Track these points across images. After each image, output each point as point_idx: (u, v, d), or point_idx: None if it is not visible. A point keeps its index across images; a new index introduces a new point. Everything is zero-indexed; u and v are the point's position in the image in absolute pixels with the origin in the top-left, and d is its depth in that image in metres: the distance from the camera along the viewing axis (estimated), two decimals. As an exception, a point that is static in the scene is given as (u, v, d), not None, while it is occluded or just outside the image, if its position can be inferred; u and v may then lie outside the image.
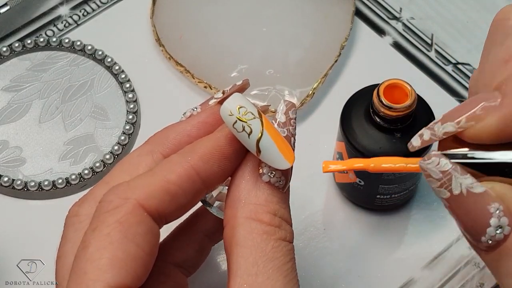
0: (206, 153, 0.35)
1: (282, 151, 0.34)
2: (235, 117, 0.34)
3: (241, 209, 0.34)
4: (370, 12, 0.60)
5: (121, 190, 0.34)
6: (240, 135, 0.34)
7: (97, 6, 0.59)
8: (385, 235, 0.50)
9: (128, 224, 0.33)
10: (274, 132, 0.35)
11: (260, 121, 0.34)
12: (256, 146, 0.34)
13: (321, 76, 0.55)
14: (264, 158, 0.34)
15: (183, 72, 0.56)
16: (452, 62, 0.57)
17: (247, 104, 0.34)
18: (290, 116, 0.36)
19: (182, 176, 0.34)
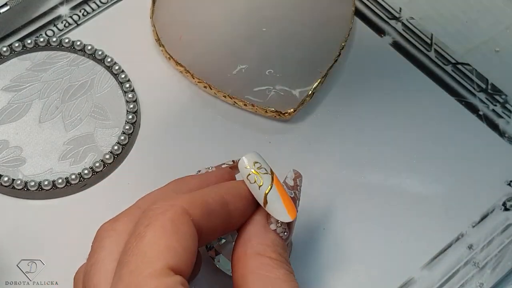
0: (234, 189, 0.40)
1: (286, 206, 0.40)
2: (250, 170, 0.40)
3: (251, 248, 0.39)
4: (370, 12, 0.60)
5: (167, 200, 0.37)
6: (252, 186, 0.40)
7: (97, 6, 0.59)
8: (385, 234, 0.50)
9: (179, 222, 0.36)
10: (282, 189, 0.41)
11: (270, 177, 0.41)
12: (264, 198, 0.40)
13: (321, 76, 0.55)
14: (269, 209, 0.40)
15: (183, 72, 0.56)
16: (451, 62, 0.58)
17: (263, 162, 0.41)
18: (297, 183, 0.43)
19: (217, 200, 0.39)
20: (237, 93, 0.54)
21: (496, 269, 0.49)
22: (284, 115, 0.54)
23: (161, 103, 0.55)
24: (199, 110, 0.55)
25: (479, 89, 0.56)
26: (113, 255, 0.37)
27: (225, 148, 0.53)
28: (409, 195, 0.52)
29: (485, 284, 0.49)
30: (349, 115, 0.55)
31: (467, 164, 0.53)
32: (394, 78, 0.57)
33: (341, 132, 0.54)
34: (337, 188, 0.52)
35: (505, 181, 0.52)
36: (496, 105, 0.56)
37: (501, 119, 0.55)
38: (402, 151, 0.54)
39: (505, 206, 0.52)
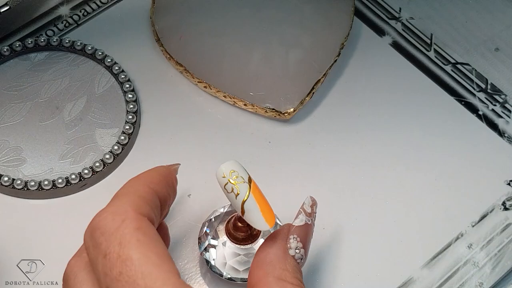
0: (157, 178, 0.40)
1: (264, 215, 0.40)
2: (226, 179, 0.40)
3: (272, 270, 0.39)
4: (370, 12, 0.60)
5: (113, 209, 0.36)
6: (229, 196, 0.40)
7: (97, 6, 0.59)
8: (384, 233, 0.50)
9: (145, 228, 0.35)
10: (260, 197, 0.40)
11: (248, 186, 0.40)
12: (241, 207, 0.39)
13: (320, 76, 0.55)
14: (247, 218, 0.40)
15: (183, 72, 0.56)
16: (451, 62, 0.58)
17: (240, 170, 0.40)
18: (314, 210, 0.43)
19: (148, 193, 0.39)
20: (237, 93, 0.54)
21: (495, 269, 0.49)
22: (283, 115, 0.54)
23: (161, 103, 0.55)
24: (199, 110, 0.55)
25: (479, 89, 0.56)
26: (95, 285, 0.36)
27: (225, 148, 0.53)
28: (409, 195, 0.52)
29: (484, 284, 0.49)
30: (348, 115, 0.55)
31: (467, 164, 0.53)
32: (393, 78, 0.57)
33: (340, 131, 0.54)
34: (337, 187, 0.52)
35: (505, 180, 0.53)
36: (496, 105, 0.56)
37: (501, 119, 0.55)
38: (401, 150, 0.54)
39: (504, 206, 0.52)
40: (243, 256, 0.46)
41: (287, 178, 0.52)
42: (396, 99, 0.56)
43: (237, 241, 0.46)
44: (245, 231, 0.46)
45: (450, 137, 0.54)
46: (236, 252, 0.46)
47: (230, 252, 0.46)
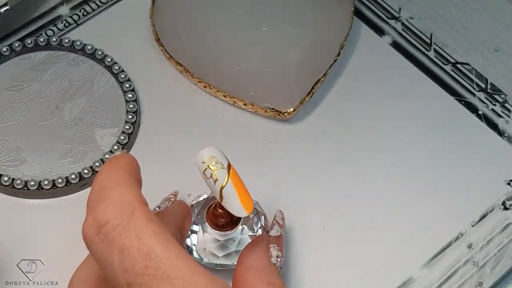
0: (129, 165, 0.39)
1: (242, 201, 0.40)
2: (205, 165, 0.40)
3: (260, 277, 0.40)
4: (369, 12, 0.60)
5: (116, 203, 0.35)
6: (208, 181, 0.40)
7: (97, 6, 0.59)
8: (384, 233, 0.50)
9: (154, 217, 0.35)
10: (238, 183, 0.41)
11: (227, 172, 0.40)
12: (220, 192, 0.40)
13: (320, 76, 0.55)
14: (225, 204, 0.40)
15: (183, 71, 0.56)
16: (451, 62, 0.58)
17: (220, 156, 0.41)
18: (284, 222, 0.46)
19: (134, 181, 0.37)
20: (237, 92, 0.54)
21: (495, 268, 0.49)
22: (283, 114, 0.54)
23: (160, 103, 0.55)
24: (198, 110, 0.55)
25: (479, 89, 0.56)
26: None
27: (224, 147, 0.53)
28: (409, 194, 0.52)
29: (484, 283, 0.49)
30: (348, 115, 0.55)
31: (467, 164, 0.53)
32: (393, 78, 0.57)
33: (340, 131, 0.54)
34: (337, 187, 0.52)
35: (505, 180, 0.53)
36: (496, 105, 0.56)
37: (501, 119, 0.55)
38: (401, 150, 0.54)
39: (504, 205, 0.52)
40: (222, 242, 0.46)
41: (287, 178, 0.52)
42: (396, 99, 0.56)
43: (217, 227, 0.47)
44: (225, 217, 0.46)
45: (450, 137, 0.54)
46: (216, 238, 0.46)
47: (210, 238, 0.46)
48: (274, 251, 0.43)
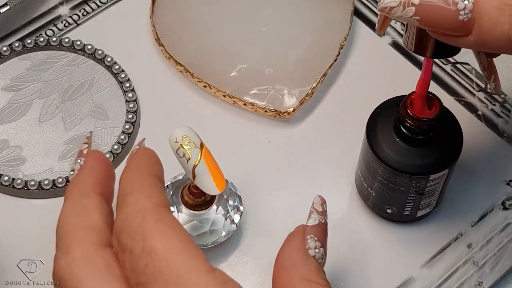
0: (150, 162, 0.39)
1: (215, 179, 0.40)
2: (179, 144, 0.40)
3: (297, 272, 0.38)
4: (369, 12, 0.60)
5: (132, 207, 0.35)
6: (181, 160, 0.40)
7: (97, 6, 0.59)
8: (384, 233, 0.51)
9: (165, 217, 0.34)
10: (211, 162, 0.41)
11: (199, 151, 0.41)
12: (192, 171, 0.40)
13: (320, 76, 0.55)
14: (198, 183, 0.40)
15: (183, 71, 0.56)
16: (451, 62, 0.58)
17: (192, 135, 0.41)
18: (325, 208, 0.43)
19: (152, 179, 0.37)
20: (237, 92, 0.54)
21: (495, 268, 0.49)
22: (283, 114, 0.54)
23: (160, 103, 0.55)
24: (198, 110, 0.55)
25: (478, 89, 0.56)
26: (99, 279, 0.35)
27: (224, 147, 0.53)
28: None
29: (484, 283, 0.49)
30: (348, 115, 0.55)
31: (466, 164, 0.53)
32: (393, 78, 0.57)
33: (340, 131, 0.54)
34: (337, 187, 0.52)
35: (504, 180, 0.53)
36: (495, 105, 0.56)
37: (500, 119, 0.55)
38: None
39: (504, 205, 0.52)
40: (196, 221, 0.47)
41: (286, 177, 0.52)
42: (395, 99, 0.56)
43: (192, 207, 0.47)
44: (199, 197, 0.47)
45: (449, 137, 0.54)
46: (190, 218, 0.47)
47: (184, 218, 0.47)
48: (311, 242, 0.40)
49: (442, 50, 0.40)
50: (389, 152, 0.46)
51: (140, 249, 0.33)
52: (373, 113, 0.48)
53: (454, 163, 0.46)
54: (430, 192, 0.48)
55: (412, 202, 0.48)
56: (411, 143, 0.45)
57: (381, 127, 0.47)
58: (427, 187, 0.47)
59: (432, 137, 0.45)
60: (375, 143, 0.46)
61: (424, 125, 0.44)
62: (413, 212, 0.49)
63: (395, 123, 0.46)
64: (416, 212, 0.49)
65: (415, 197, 0.47)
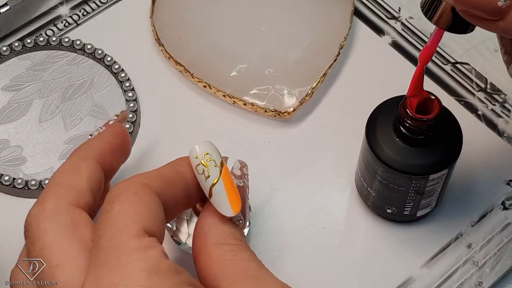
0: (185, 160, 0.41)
1: (230, 201, 0.39)
2: (199, 161, 0.40)
3: (211, 239, 0.39)
4: (369, 12, 0.60)
5: (125, 180, 0.37)
6: (200, 177, 0.40)
7: (96, 6, 0.59)
8: (384, 233, 0.51)
9: (142, 193, 0.37)
10: (229, 183, 0.40)
11: (219, 170, 0.40)
12: (209, 190, 0.39)
13: (320, 76, 0.55)
14: (213, 202, 0.40)
15: (183, 71, 0.56)
16: (451, 62, 0.58)
17: (214, 153, 0.40)
18: (244, 172, 0.43)
19: (172, 171, 0.40)
20: (237, 92, 0.54)
21: (495, 268, 0.49)
22: (283, 114, 0.54)
23: (160, 102, 0.55)
24: (198, 110, 0.55)
25: (478, 89, 0.56)
26: (60, 233, 0.37)
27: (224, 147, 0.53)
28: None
29: (484, 283, 0.49)
30: (348, 115, 0.55)
31: (466, 163, 0.53)
32: (393, 78, 0.57)
33: (340, 131, 0.54)
34: (337, 187, 0.52)
35: (504, 180, 0.53)
36: (495, 105, 0.56)
37: (500, 119, 0.55)
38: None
39: (504, 205, 0.52)
40: None
41: (286, 177, 0.52)
42: (395, 99, 0.56)
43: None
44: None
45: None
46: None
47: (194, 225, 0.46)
48: None
49: (458, 26, 0.41)
50: (388, 152, 0.46)
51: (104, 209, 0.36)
52: (373, 113, 0.48)
53: (453, 163, 0.46)
54: (430, 192, 0.48)
55: (412, 202, 0.48)
56: (410, 143, 0.46)
57: (380, 127, 0.47)
58: (427, 187, 0.47)
59: (431, 137, 0.45)
60: (375, 143, 0.46)
61: (424, 125, 0.44)
62: (413, 212, 0.49)
63: (394, 123, 0.46)
64: (416, 212, 0.49)
65: (415, 197, 0.48)
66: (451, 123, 0.47)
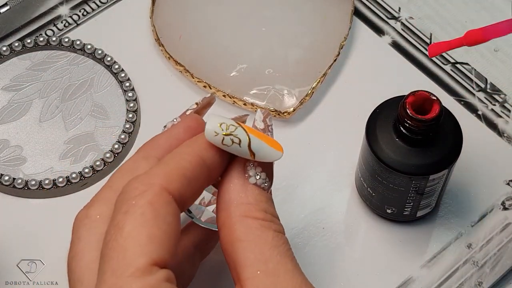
0: (207, 143, 0.37)
1: (272, 145, 0.37)
2: (221, 135, 0.36)
3: (234, 209, 0.36)
4: (369, 12, 0.60)
5: (143, 178, 0.35)
6: (232, 148, 0.37)
7: (96, 6, 0.59)
8: (384, 233, 0.51)
9: (158, 204, 0.34)
10: (258, 133, 0.37)
11: (242, 130, 0.37)
12: (249, 151, 0.37)
13: (320, 76, 0.55)
14: (259, 158, 0.37)
15: (183, 71, 0.56)
16: (450, 62, 0.58)
17: (225, 119, 0.37)
18: (267, 122, 0.40)
19: (193, 162, 0.36)
20: (237, 92, 0.54)
21: (495, 268, 0.49)
22: (283, 114, 0.54)
23: (160, 102, 0.55)
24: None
25: (478, 89, 0.56)
26: (90, 244, 0.36)
27: (225, 147, 0.53)
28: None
29: (484, 283, 0.49)
30: (348, 115, 0.55)
31: (466, 163, 0.53)
32: (393, 78, 0.57)
33: (340, 131, 0.54)
34: (337, 187, 0.52)
35: (504, 180, 0.53)
36: (495, 105, 0.56)
37: (500, 119, 0.55)
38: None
39: (504, 206, 0.52)
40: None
41: (286, 177, 0.52)
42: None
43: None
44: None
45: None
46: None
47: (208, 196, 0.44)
48: (251, 169, 0.38)
49: None
50: (388, 153, 0.46)
51: (116, 220, 0.34)
52: (373, 113, 0.48)
53: (453, 163, 0.46)
54: (430, 192, 0.48)
55: (412, 202, 0.48)
56: (410, 143, 0.46)
57: (380, 127, 0.47)
58: (427, 187, 0.47)
59: (431, 137, 0.45)
60: (375, 143, 0.46)
61: (424, 126, 0.44)
62: (413, 212, 0.49)
63: (394, 123, 0.46)
64: (416, 212, 0.49)
65: (415, 197, 0.48)
66: (451, 123, 0.47)
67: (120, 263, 0.33)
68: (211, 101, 0.44)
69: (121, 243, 0.33)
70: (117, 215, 0.34)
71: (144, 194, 0.34)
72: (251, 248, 0.35)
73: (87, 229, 0.36)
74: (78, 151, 0.52)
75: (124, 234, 0.33)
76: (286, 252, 0.36)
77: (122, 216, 0.34)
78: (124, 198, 0.35)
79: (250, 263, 0.35)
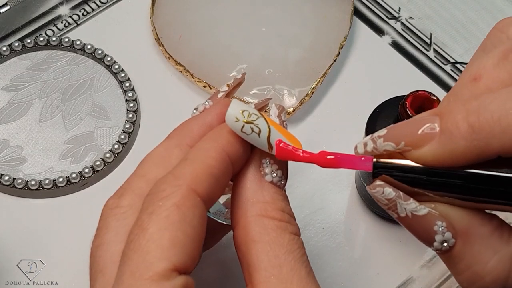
0: (233, 136, 0.36)
1: (291, 140, 0.36)
2: (241, 122, 0.35)
3: (250, 208, 0.35)
4: (369, 12, 0.60)
5: (171, 179, 0.34)
6: (250, 137, 0.35)
7: (97, 6, 0.59)
8: (384, 233, 0.51)
9: (185, 207, 0.33)
10: (278, 126, 0.36)
11: (264, 120, 0.36)
12: (268, 143, 0.35)
13: (320, 76, 0.55)
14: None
15: (183, 71, 0.56)
16: (450, 62, 0.58)
17: (247, 107, 0.36)
18: (282, 118, 0.38)
19: (219, 159, 0.35)
20: (237, 92, 0.54)
21: (495, 268, 0.49)
22: (283, 114, 0.54)
23: (160, 102, 0.55)
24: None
25: (478, 89, 0.56)
26: (119, 236, 0.35)
27: (225, 147, 0.53)
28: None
29: (484, 283, 0.49)
30: (348, 115, 0.55)
31: (466, 164, 0.53)
32: (393, 78, 0.57)
33: (340, 131, 0.54)
34: (337, 187, 0.52)
35: (504, 180, 0.53)
36: (495, 105, 0.56)
37: (500, 119, 0.55)
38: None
39: (504, 205, 0.52)
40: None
41: (287, 178, 0.52)
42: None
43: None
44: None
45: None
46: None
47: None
48: (267, 166, 0.37)
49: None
50: None
51: (141, 220, 0.33)
52: (373, 113, 0.48)
53: None
54: (430, 192, 0.48)
55: (412, 202, 0.48)
56: None
57: (380, 127, 0.47)
58: (427, 187, 0.47)
59: None
60: None
61: None
62: (413, 212, 0.49)
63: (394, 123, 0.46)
64: (416, 212, 0.49)
65: (415, 197, 0.47)
66: None
67: (140, 265, 0.32)
68: (241, 81, 0.42)
69: (143, 245, 0.33)
70: (142, 215, 0.34)
71: (170, 196, 0.34)
72: (266, 251, 0.35)
73: (116, 219, 0.36)
74: (78, 151, 0.52)
75: (146, 236, 0.33)
76: (300, 258, 0.36)
77: (147, 217, 0.33)
78: (151, 199, 0.34)
79: (264, 266, 0.35)
